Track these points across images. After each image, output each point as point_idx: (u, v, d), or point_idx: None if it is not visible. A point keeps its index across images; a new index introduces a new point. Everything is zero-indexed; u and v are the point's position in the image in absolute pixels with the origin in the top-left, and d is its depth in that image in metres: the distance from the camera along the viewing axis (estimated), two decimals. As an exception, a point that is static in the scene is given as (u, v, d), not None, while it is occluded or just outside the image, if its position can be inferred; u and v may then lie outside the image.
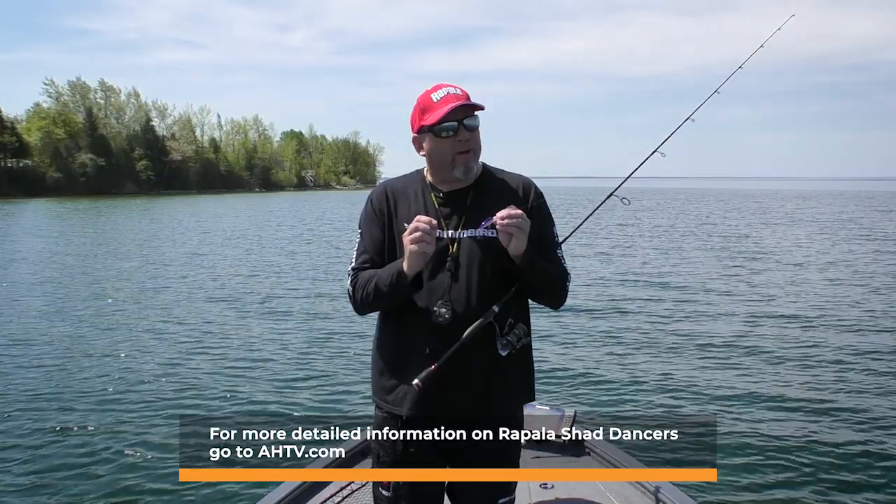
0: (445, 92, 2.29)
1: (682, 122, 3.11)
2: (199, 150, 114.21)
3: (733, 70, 3.25)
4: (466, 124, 2.27)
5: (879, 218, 40.85)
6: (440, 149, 2.30)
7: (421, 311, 2.28)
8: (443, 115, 2.25)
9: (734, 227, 33.60)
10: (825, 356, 9.14)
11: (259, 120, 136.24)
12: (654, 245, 24.03)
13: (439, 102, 2.28)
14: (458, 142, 2.27)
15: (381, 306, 2.36)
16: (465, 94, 2.31)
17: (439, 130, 2.27)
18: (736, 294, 14.08)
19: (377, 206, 2.41)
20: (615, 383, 7.93)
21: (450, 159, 2.30)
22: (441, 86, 2.32)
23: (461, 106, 2.25)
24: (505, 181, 2.41)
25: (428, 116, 2.29)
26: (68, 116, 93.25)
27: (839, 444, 6.16)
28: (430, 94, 2.31)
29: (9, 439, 6.50)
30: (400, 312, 2.34)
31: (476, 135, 2.31)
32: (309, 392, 7.86)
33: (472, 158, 2.31)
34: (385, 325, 2.42)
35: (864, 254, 21.43)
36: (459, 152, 2.28)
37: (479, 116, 2.31)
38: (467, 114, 2.27)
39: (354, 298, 2.35)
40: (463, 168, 2.30)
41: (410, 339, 2.31)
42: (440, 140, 2.29)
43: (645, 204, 58.68)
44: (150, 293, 14.93)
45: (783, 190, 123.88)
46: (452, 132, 2.27)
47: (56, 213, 47.30)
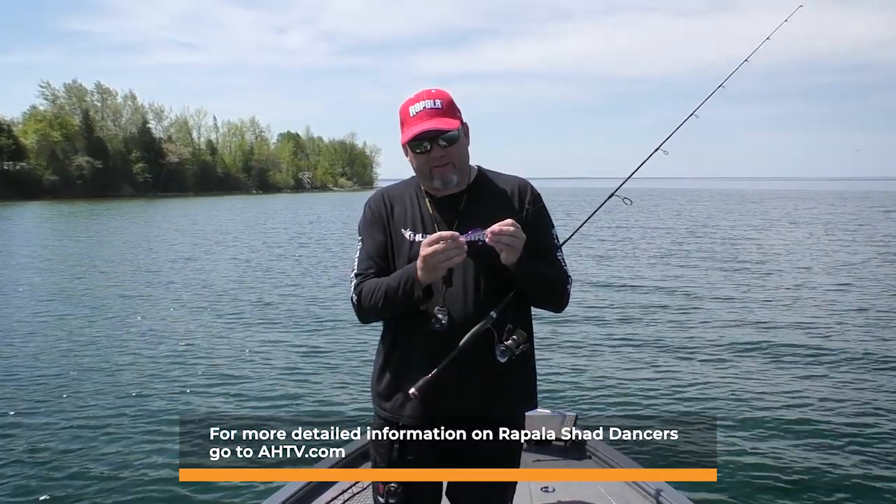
0: (422, 107, 2.25)
1: (687, 118, 3.08)
2: (195, 153, 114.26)
3: (738, 64, 3.20)
4: (440, 142, 2.24)
5: (881, 218, 40.87)
6: (417, 162, 2.30)
7: (417, 318, 2.26)
8: (413, 136, 2.23)
9: (733, 228, 33.60)
10: (825, 357, 9.13)
11: (256, 122, 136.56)
12: (652, 247, 24.01)
13: (414, 118, 2.25)
14: (433, 158, 2.26)
15: (389, 314, 2.32)
16: (446, 105, 2.27)
17: (413, 147, 2.26)
18: (735, 296, 14.06)
19: (376, 210, 2.40)
20: (616, 385, 7.90)
21: (427, 171, 2.29)
22: (420, 97, 2.28)
23: (431, 129, 2.22)
24: (499, 185, 2.39)
25: (403, 132, 2.28)
26: (65, 119, 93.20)
27: (839, 444, 6.16)
28: (409, 106, 2.28)
29: (8, 439, 6.48)
30: (397, 319, 2.32)
31: (454, 148, 2.27)
32: (311, 392, 7.84)
33: (451, 170, 2.28)
34: (384, 331, 2.41)
35: (865, 254, 21.45)
36: (435, 166, 2.27)
37: (459, 130, 2.28)
38: (440, 132, 2.24)
39: (360, 306, 2.31)
40: (440, 180, 2.28)
41: (408, 346, 2.30)
42: (416, 155, 2.28)
43: (641, 205, 58.71)
44: (150, 294, 14.88)
45: (780, 190, 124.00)
46: (427, 149, 2.25)
47: (52, 216, 47.22)
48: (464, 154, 2.32)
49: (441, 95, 2.29)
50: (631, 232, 30.00)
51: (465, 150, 2.33)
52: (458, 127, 2.27)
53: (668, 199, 72.87)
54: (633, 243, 25.07)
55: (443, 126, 2.23)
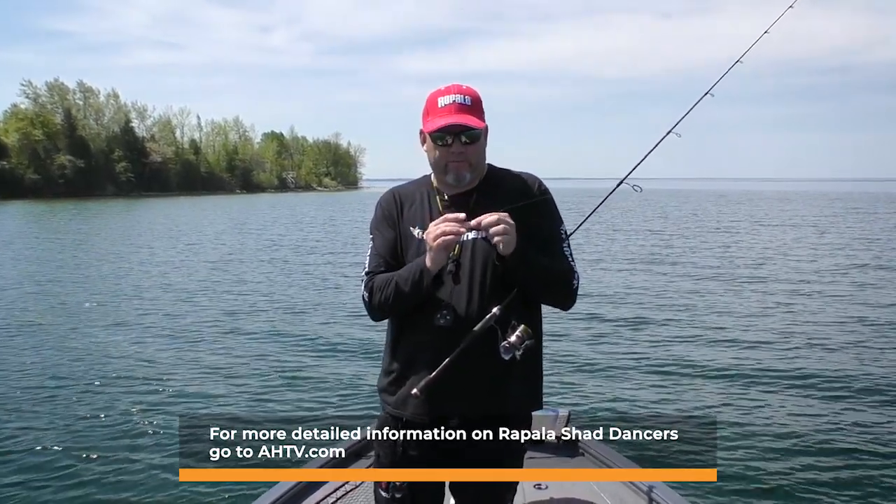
0: (452, 100, 2.26)
1: (701, 98, 2.97)
2: (179, 152, 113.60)
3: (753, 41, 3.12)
4: (463, 138, 2.26)
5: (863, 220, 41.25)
6: (436, 153, 2.30)
7: (423, 315, 2.26)
8: (439, 128, 2.24)
9: (731, 228, 33.80)
10: (825, 357, 9.14)
11: (239, 121, 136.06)
12: (650, 247, 24.17)
13: (442, 110, 2.26)
14: (452, 153, 2.27)
15: (400, 308, 2.31)
16: (475, 103, 2.29)
17: (435, 139, 2.27)
18: (734, 296, 14.11)
19: (386, 209, 2.41)
20: (610, 383, 7.92)
21: (443, 165, 2.29)
22: (451, 90, 2.29)
23: (458, 124, 2.24)
24: (509, 181, 2.40)
25: (428, 121, 2.29)
26: (46, 118, 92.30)
27: (838, 444, 6.16)
28: (438, 97, 2.29)
29: (7, 440, 6.43)
30: (404, 316, 2.33)
31: (474, 147, 2.28)
32: (308, 392, 7.83)
33: (466, 168, 2.29)
34: (389, 329, 2.42)
35: (861, 257, 21.64)
36: (452, 161, 2.28)
37: (483, 130, 2.29)
38: (466, 129, 2.26)
39: (371, 303, 2.32)
40: (454, 175, 2.29)
41: (413, 342, 2.30)
42: (436, 146, 2.28)
43: (636, 206, 59.00)
44: (149, 294, 14.81)
45: (765, 191, 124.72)
46: (448, 143, 2.26)
47: (33, 216, 46.72)
48: (481, 154, 2.34)
49: (471, 92, 2.30)
50: (624, 233, 30.09)
51: (483, 151, 2.34)
52: (483, 126, 2.28)
53: (658, 200, 73.15)
54: (628, 243, 25.21)
55: (470, 123, 2.24)
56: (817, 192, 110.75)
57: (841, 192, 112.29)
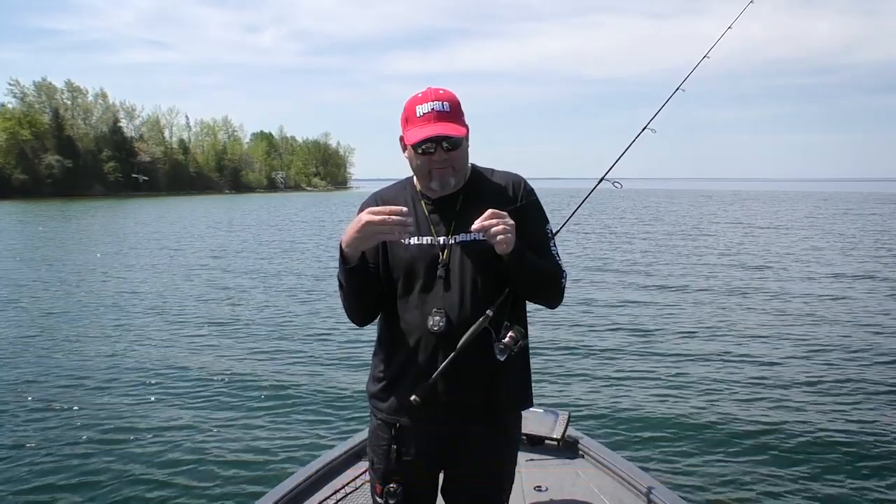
0: (430, 108, 2.21)
1: (672, 94, 3.11)
2: (167, 152, 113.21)
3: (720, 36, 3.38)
4: (445, 145, 2.21)
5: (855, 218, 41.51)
6: (418, 161, 2.25)
7: (415, 320, 2.24)
8: (419, 140, 2.19)
9: (727, 228, 33.89)
10: (824, 357, 9.12)
11: (228, 121, 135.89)
12: (646, 247, 24.15)
13: (421, 120, 2.21)
14: (435, 161, 2.23)
15: (353, 303, 2.31)
16: (454, 109, 2.24)
17: (416, 148, 2.22)
18: (733, 296, 14.08)
19: None
20: (610, 386, 7.85)
21: (426, 172, 2.26)
22: (429, 97, 2.24)
23: (439, 136, 2.19)
24: (494, 182, 2.37)
25: (407, 131, 2.25)
26: (34, 117, 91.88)
27: (838, 444, 6.14)
28: (416, 105, 2.23)
29: (7, 440, 6.37)
30: (394, 322, 2.30)
31: (457, 152, 2.24)
32: (308, 393, 7.74)
33: (451, 174, 2.25)
34: (380, 334, 2.39)
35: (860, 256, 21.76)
36: (436, 168, 2.24)
37: (465, 136, 2.25)
38: (447, 139, 2.21)
39: (343, 306, 2.35)
40: (439, 182, 2.26)
41: (406, 348, 2.27)
42: (418, 154, 2.24)
43: (630, 205, 59.16)
44: (148, 293, 14.75)
45: (751, 190, 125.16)
46: (430, 152, 2.22)
47: (20, 216, 46.37)
48: (464, 158, 2.30)
49: (449, 97, 2.25)
50: (619, 233, 30.10)
51: (465, 155, 2.30)
52: (465, 133, 2.25)
53: (646, 198, 73.36)
54: (623, 243, 25.18)
55: (451, 133, 2.20)
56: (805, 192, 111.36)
57: (830, 192, 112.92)
